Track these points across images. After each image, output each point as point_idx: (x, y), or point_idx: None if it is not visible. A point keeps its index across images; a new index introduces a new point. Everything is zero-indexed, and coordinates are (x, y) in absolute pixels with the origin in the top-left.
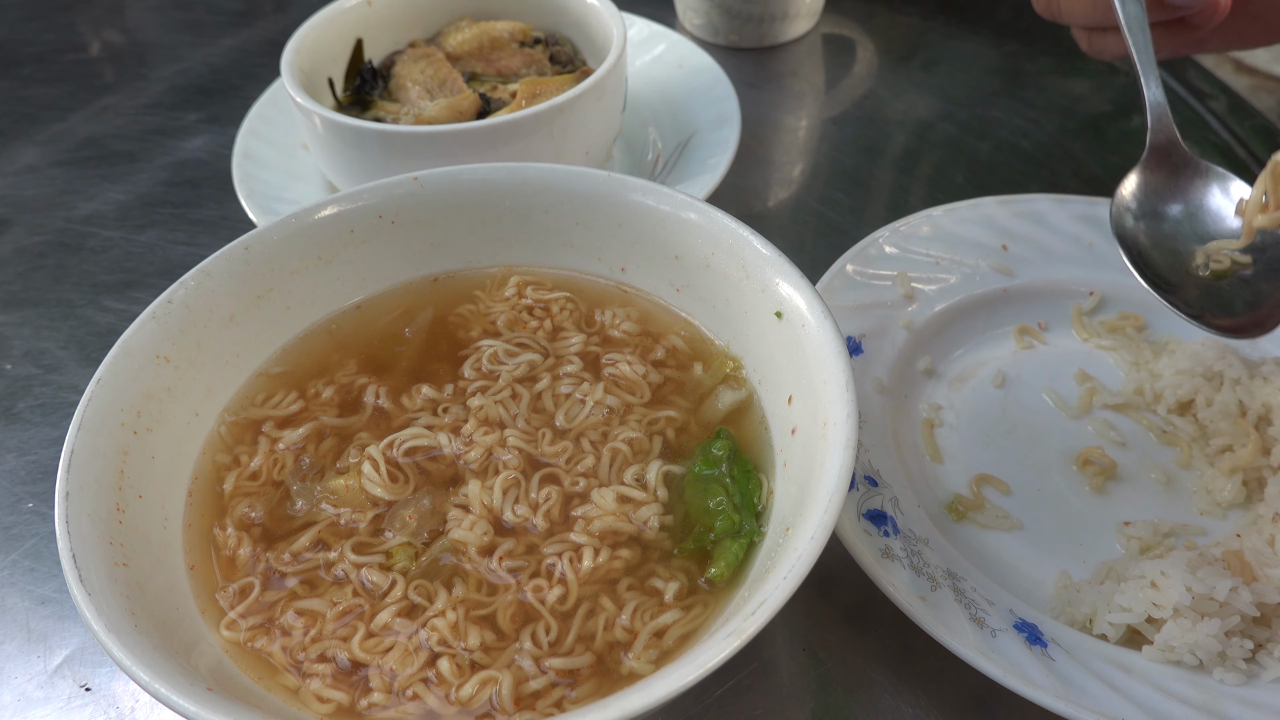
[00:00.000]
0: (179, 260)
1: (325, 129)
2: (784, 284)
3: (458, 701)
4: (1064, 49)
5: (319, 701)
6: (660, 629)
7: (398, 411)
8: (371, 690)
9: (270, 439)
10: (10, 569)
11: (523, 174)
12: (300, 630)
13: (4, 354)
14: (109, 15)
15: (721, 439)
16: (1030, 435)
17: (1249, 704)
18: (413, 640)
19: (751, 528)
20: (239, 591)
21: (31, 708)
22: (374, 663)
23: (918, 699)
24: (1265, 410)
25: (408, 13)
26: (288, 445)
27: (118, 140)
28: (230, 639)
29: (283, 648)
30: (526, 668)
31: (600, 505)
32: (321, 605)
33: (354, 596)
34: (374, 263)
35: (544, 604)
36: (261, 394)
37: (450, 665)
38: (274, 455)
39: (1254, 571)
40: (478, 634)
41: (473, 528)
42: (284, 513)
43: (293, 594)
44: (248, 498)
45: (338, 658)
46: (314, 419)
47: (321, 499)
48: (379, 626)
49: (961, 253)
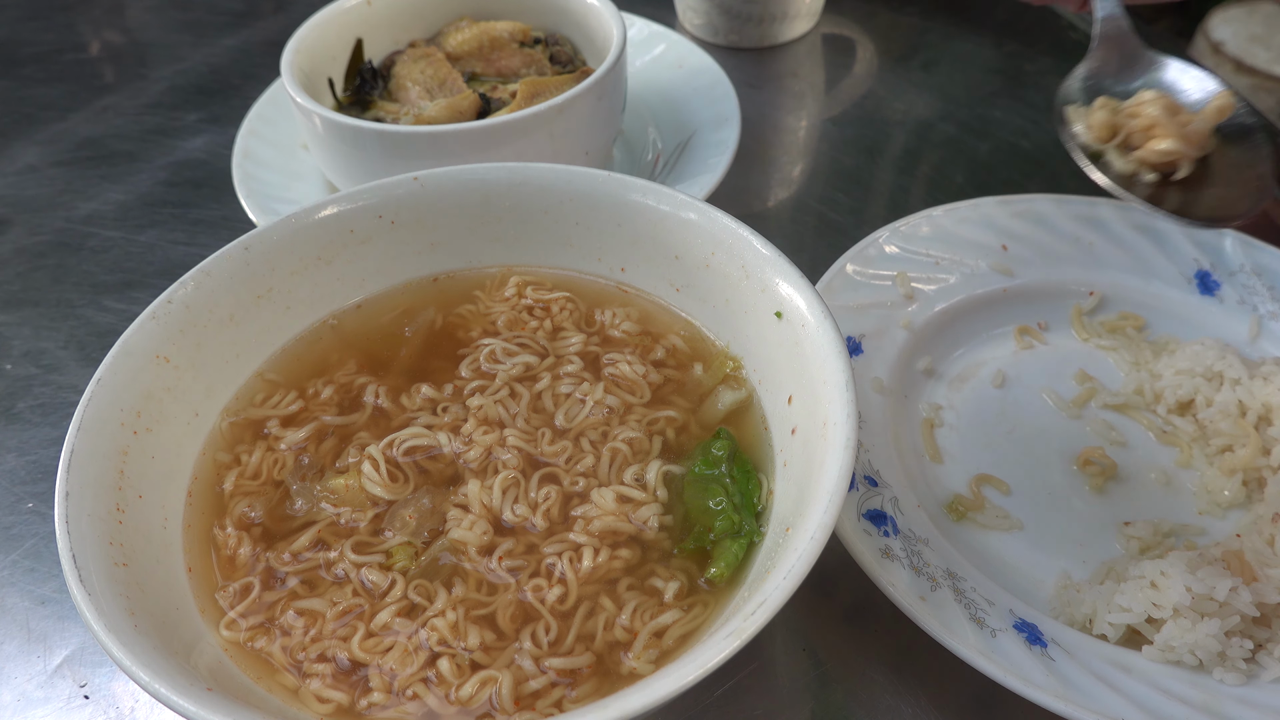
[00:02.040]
0: (179, 260)
1: (325, 129)
2: (784, 284)
3: (457, 701)
4: (1064, 49)
5: (319, 701)
6: (660, 629)
7: (397, 411)
8: (371, 690)
9: (271, 438)
10: (10, 569)
11: (523, 174)
12: (300, 630)
13: (4, 354)
14: (109, 15)
15: (721, 439)
16: (1030, 435)
17: (1249, 704)
18: (412, 640)
19: (751, 528)
20: (239, 591)
21: (31, 707)
22: (374, 662)
23: (918, 699)
24: (1265, 410)
25: (408, 13)
26: (288, 445)
27: (118, 140)
28: (230, 639)
29: (282, 647)
30: (526, 667)
31: (600, 505)
32: (321, 605)
33: (354, 596)
34: (374, 263)
35: (544, 603)
36: (261, 394)
37: (450, 665)
38: (274, 455)
39: (1254, 571)
40: (477, 634)
41: (472, 527)
42: (284, 512)
43: (293, 594)
44: (247, 497)
45: (337, 658)
46: (314, 419)
47: (321, 498)
48: (379, 626)
49: (961, 253)
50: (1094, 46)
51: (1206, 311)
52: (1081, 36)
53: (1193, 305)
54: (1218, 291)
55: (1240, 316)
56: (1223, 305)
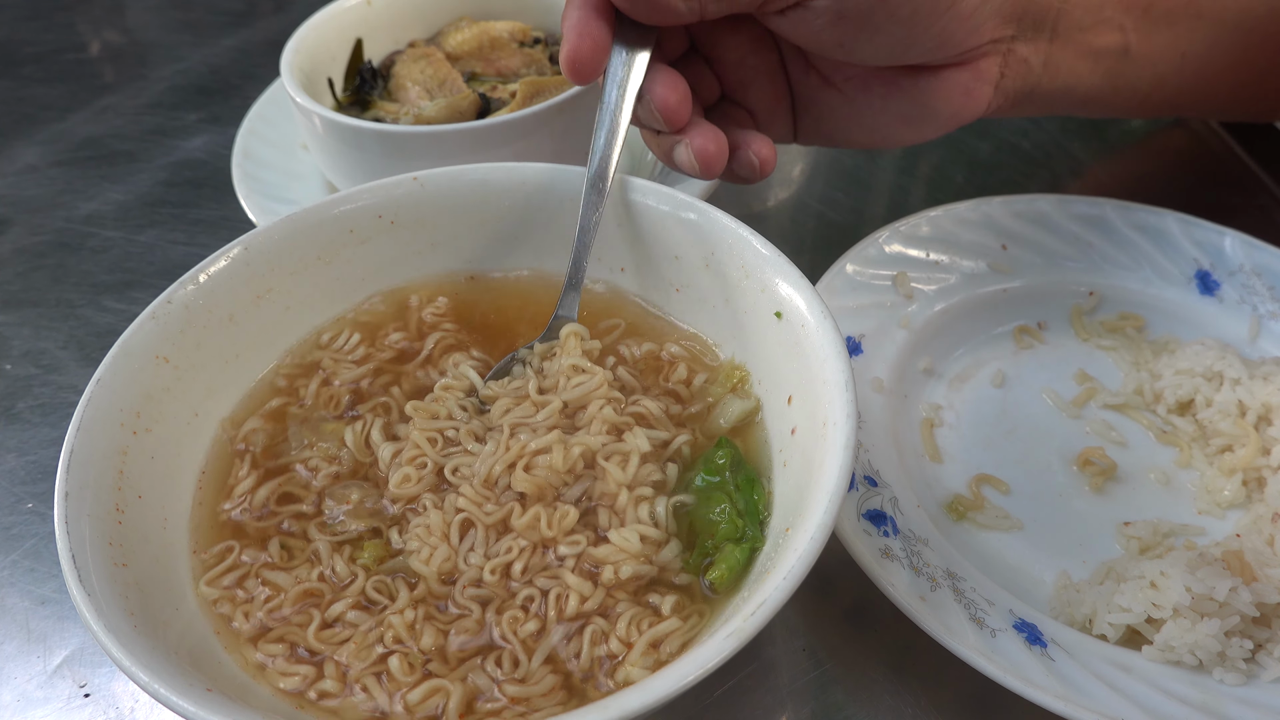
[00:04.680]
0: (179, 260)
1: (325, 129)
2: (784, 284)
3: (405, 705)
4: None
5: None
6: (658, 639)
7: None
8: (325, 678)
9: (329, 373)
10: (10, 569)
11: (522, 174)
12: (264, 600)
13: (4, 354)
14: (109, 15)
15: (723, 448)
16: (1030, 435)
17: (1249, 704)
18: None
19: (755, 533)
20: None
21: (31, 707)
22: (372, 661)
23: (918, 699)
24: (1265, 410)
25: (408, 13)
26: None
27: (118, 140)
28: (207, 595)
29: (245, 613)
30: (481, 685)
31: (624, 547)
32: (288, 581)
33: (319, 581)
34: (374, 263)
35: (515, 635)
36: (328, 334)
37: (400, 663)
38: (329, 390)
39: (1254, 571)
40: (432, 637)
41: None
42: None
43: (268, 565)
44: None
45: (296, 640)
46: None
47: (315, 440)
48: (387, 639)
49: (961, 253)
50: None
51: (1206, 311)
52: None
53: (1193, 305)
54: (1218, 291)
55: (1240, 316)
56: (1223, 305)
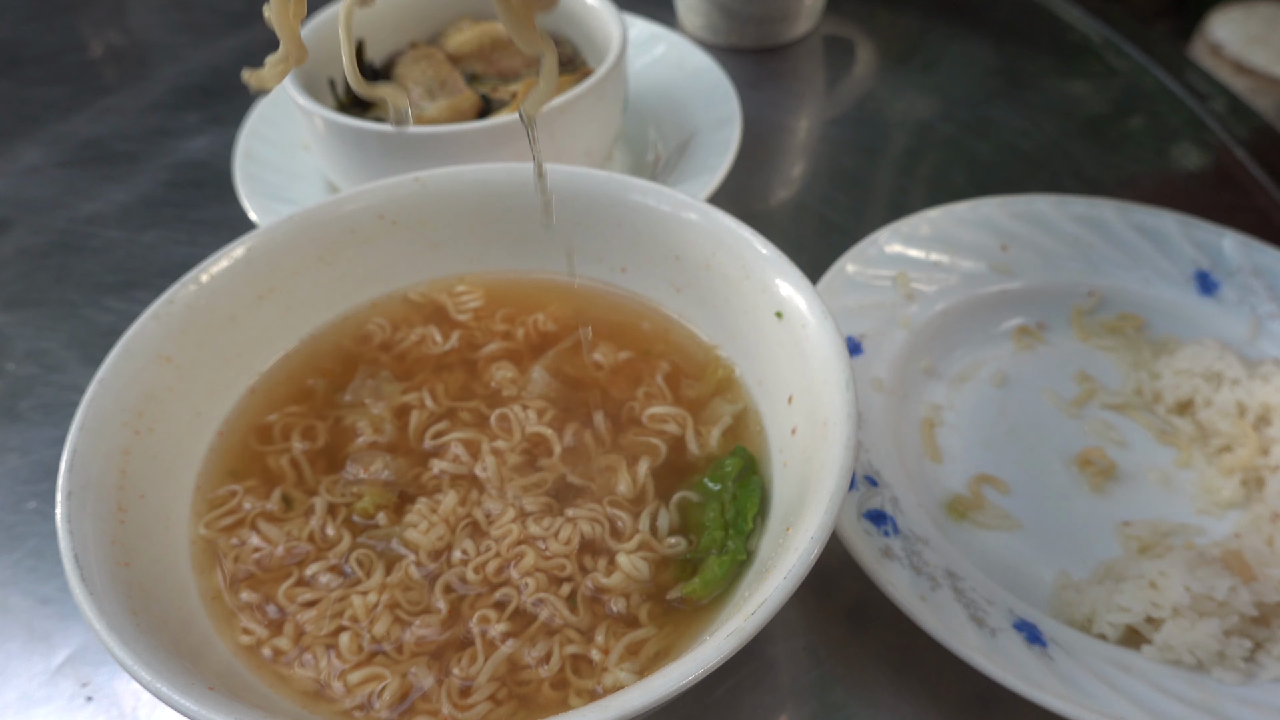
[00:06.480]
0: (180, 260)
1: (326, 129)
2: (784, 284)
3: (344, 683)
4: (1064, 49)
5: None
6: (635, 645)
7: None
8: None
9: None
10: (12, 568)
11: (523, 174)
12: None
13: (6, 354)
14: (111, 16)
15: (735, 456)
16: (1030, 435)
17: (1248, 703)
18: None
19: (737, 546)
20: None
21: (34, 707)
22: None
23: (918, 699)
24: (1264, 410)
25: (408, 13)
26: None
27: (119, 141)
28: (203, 534)
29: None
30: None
31: (631, 574)
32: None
33: (342, 562)
34: (375, 263)
35: (484, 636)
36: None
37: (350, 641)
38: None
39: (1253, 571)
40: (386, 624)
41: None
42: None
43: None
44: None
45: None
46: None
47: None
48: (345, 616)
49: (961, 253)
50: None
51: (1206, 311)
52: (1080, 38)
53: (1192, 305)
54: (1217, 292)
55: (1239, 317)
56: (1222, 305)
